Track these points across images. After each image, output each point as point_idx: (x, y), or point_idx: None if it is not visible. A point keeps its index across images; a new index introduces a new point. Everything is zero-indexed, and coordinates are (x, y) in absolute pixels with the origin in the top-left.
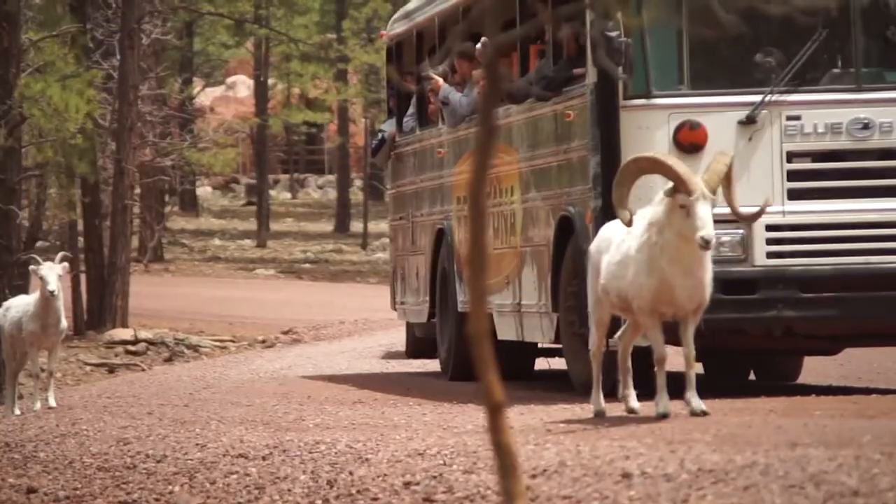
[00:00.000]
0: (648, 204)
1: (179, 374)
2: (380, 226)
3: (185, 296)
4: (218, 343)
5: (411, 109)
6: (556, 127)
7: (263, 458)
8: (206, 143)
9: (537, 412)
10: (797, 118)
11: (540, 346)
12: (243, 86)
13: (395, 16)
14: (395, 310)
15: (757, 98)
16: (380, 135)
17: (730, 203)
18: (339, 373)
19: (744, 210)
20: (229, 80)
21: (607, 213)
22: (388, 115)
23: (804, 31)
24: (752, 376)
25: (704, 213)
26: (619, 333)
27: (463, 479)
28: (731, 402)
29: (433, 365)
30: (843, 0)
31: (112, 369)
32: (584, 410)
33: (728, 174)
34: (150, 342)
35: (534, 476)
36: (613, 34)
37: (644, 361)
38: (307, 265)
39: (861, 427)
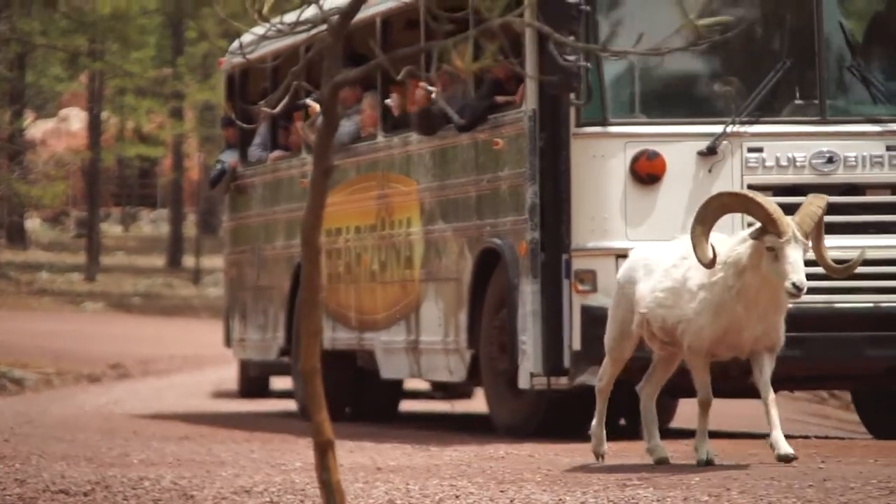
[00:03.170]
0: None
1: (1, 409)
2: (213, 261)
3: (9, 330)
4: (42, 376)
5: (258, 139)
6: (477, 155)
7: (85, 495)
8: (36, 176)
9: (368, 450)
10: (759, 150)
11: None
12: (76, 119)
13: (234, 45)
14: (230, 347)
15: (718, 128)
16: (219, 165)
17: (819, 255)
18: (167, 409)
19: (835, 262)
20: (62, 112)
21: (546, 243)
22: (226, 145)
23: (768, 60)
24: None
25: (795, 257)
26: (643, 381)
27: None
28: (563, 445)
29: (265, 404)
30: (807, 29)
31: None
32: (416, 449)
33: (819, 221)
34: None
35: None
36: (571, 58)
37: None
38: (137, 299)
39: (690, 469)
